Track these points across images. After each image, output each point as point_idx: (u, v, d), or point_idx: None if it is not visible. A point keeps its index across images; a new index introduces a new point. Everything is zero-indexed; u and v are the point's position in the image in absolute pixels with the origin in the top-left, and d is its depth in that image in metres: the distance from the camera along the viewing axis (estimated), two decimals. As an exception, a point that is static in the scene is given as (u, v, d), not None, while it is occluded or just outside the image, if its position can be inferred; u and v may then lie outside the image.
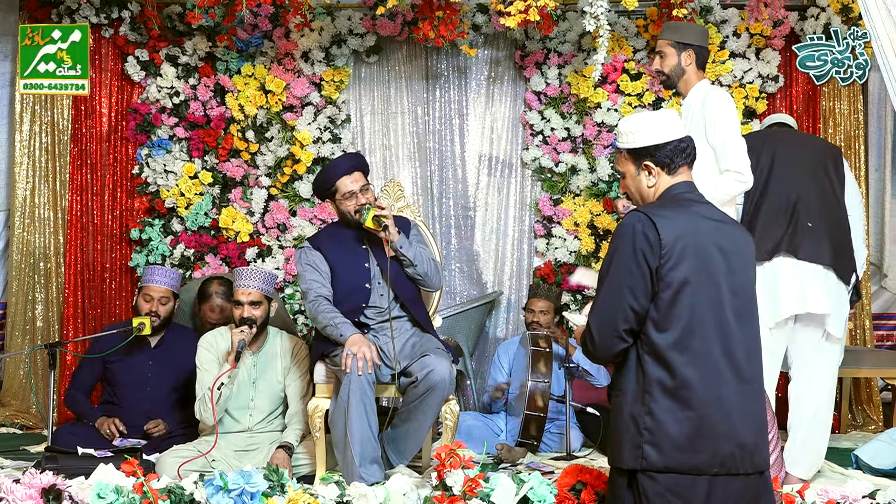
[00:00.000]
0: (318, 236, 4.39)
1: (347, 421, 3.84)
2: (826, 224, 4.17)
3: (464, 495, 3.40)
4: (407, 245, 4.14)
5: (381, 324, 4.18)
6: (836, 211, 4.26)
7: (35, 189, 5.97)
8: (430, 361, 3.93)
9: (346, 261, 4.22)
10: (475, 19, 5.94)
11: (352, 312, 4.15)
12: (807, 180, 4.22)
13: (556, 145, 5.97)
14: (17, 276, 5.93)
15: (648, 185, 2.76)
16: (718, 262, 2.62)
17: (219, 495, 3.40)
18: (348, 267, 4.21)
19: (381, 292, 4.21)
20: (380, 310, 4.20)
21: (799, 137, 4.60)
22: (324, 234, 4.42)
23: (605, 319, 2.62)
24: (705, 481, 2.54)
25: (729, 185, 3.82)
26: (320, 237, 4.36)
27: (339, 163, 4.27)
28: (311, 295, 4.14)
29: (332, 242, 4.26)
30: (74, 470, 3.92)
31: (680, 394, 2.55)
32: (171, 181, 5.95)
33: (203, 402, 4.19)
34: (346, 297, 4.18)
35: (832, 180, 4.28)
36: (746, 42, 5.88)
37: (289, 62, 5.91)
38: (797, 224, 4.12)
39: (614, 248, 2.64)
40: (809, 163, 4.28)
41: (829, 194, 4.25)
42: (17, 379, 5.88)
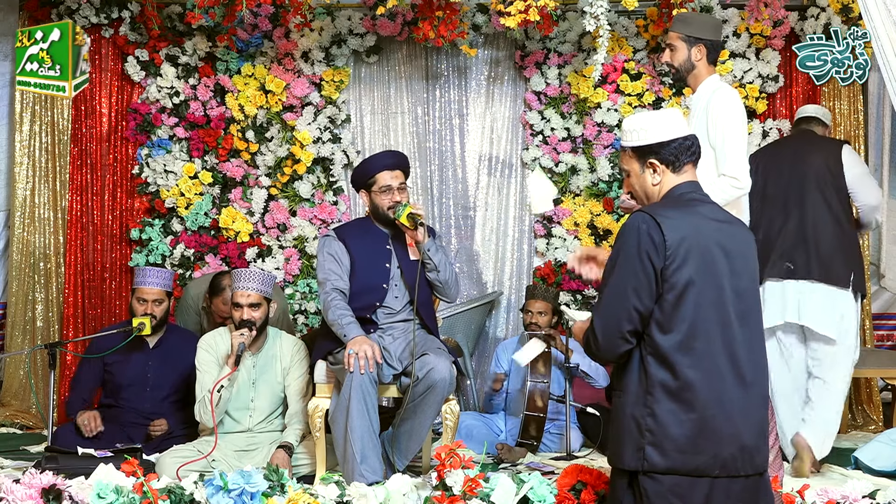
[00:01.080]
0: (345, 228, 4.35)
1: (348, 419, 3.84)
2: (813, 245, 4.34)
3: (464, 495, 3.40)
4: (434, 249, 4.14)
5: (392, 324, 4.18)
6: (828, 227, 4.37)
7: (35, 189, 5.97)
8: (431, 360, 3.92)
9: (368, 257, 4.20)
10: (475, 19, 5.94)
11: (364, 309, 4.14)
12: (794, 210, 4.39)
13: (556, 145, 5.97)
14: (17, 276, 5.93)
15: (653, 184, 2.74)
16: (722, 264, 2.61)
17: (219, 495, 3.40)
18: (369, 264, 4.19)
19: (396, 294, 4.20)
20: (391, 311, 4.19)
21: (795, 155, 4.55)
22: (351, 226, 4.38)
23: (608, 320, 2.61)
24: (706, 483, 2.54)
25: (724, 189, 3.66)
26: (347, 229, 4.33)
27: (384, 157, 4.28)
28: (327, 286, 4.12)
29: (357, 236, 4.23)
30: (74, 470, 3.92)
31: (682, 395, 2.54)
32: (171, 181, 5.95)
33: (203, 405, 4.18)
34: (361, 294, 4.16)
35: (826, 197, 4.40)
36: (746, 42, 5.88)
37: (289, 62, 5.91)
38: (777, 262, 4.35)
39: (618, 249, 2.63)
40: (797, 190, 4.40)
41: (817, 216, 4.38)
42: (17, 379, 5.88)
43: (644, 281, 2.57)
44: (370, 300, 4.17)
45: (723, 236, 2.64)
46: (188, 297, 5.38)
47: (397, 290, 4.20)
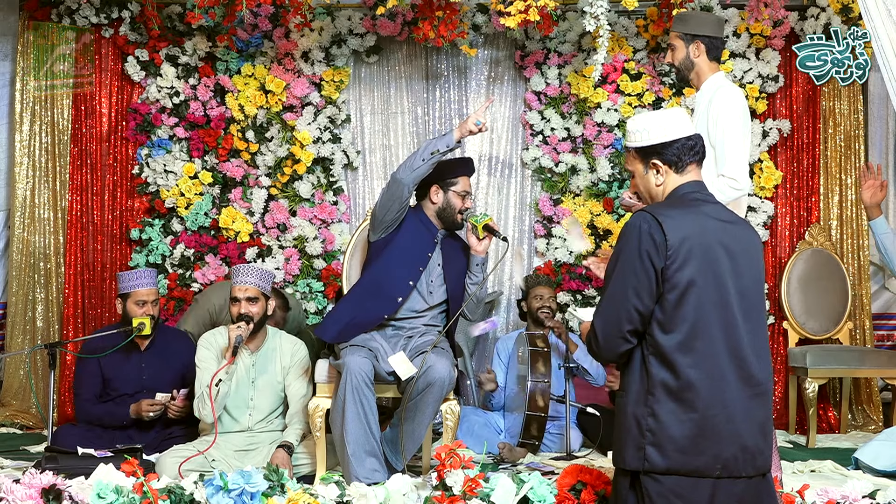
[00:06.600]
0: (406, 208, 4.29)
1: (344, 420, 3.85)
2: None
3: (464, 495, 3.40)
4: (484, 265, 4.19)
5: (412, 321, 4.17)
6: None
7: (35, 189, 5.97)
8: (430, 359, 3.93)
9: (414, 246, 4.17)
10: (475, 19, 5.94)
11: (385, 305, 4.11)
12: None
13: (556, 145, 5.97)
14: (17, 276, 5.93)
15: (657, 184, 2.74)
16: (725, 264, 2.60)
17: (219, 495, 3.40)
18: (412, 253, 4.16)
19: (431, 290, 4.18)
20: (414, 312, 4.18)
21: None
22: (411, 209, 4.29)
23: (609, 320, 2.61)
24: (708, 483, 2.53)
25: (722, 190, 3.58)
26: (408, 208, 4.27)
27: (470, 164, 4.35)
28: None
29: (412, 223, 4.21)
30: (74, 470, 3.91)
31: (683, 395, 2.53)
32: (171, 181, 5.95)
33: (202, 400, 4.19)
34: (390, 283, 4.12)
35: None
36: (746, 42, 5.88)
37: (289, 62, 5.91)
38: None
39: (619, 249, 2.62)
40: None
41: None
42: (17, 379, 5.88)
43: (645, 280, 2.56)
44: (393, 295, 4.12)
45: (727, 236, 2.63)
46: (208, 302, 5.26)
47: (433, 286, 4.19)
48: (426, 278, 4.17)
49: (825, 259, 5.82)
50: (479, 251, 4.15)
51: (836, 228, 5.95)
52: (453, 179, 4.20)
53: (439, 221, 4.23)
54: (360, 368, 3.88)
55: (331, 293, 5.91)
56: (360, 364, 3.89)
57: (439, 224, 4.23)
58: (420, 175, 4.04)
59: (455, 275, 4.21)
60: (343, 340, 4.07)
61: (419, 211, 4.26)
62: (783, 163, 5.96)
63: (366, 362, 3.91)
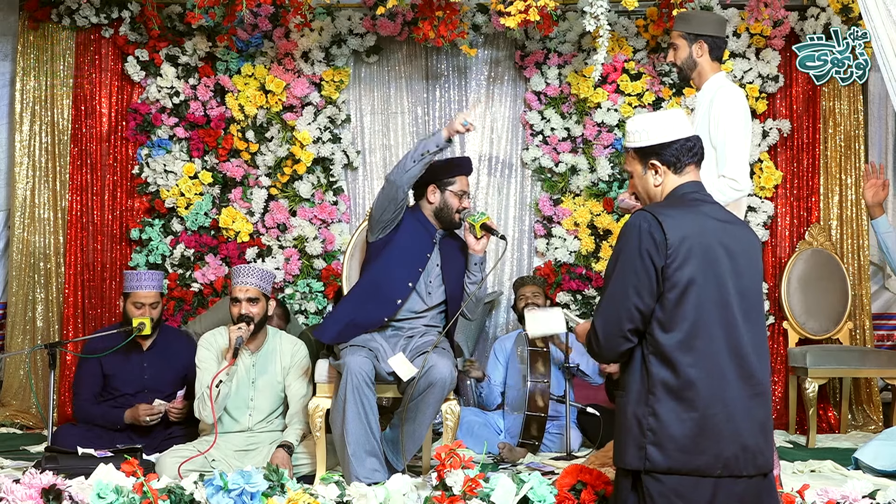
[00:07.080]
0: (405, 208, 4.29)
1: (344, 420, 3.85)
2: None
3: (464, 495, 3.40)
4: (483, 264, 4.17)
5: (411, 322, 4.17)
6: None
7: (35, 189, 5.97)
8: (431, 359, 3.92)
9: (412, 247, 4.17)
10: (475, 19, 5.94)
11: (384, 307, 4.11)
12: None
13: (556, 145, 5.97)
14: (17, 276, 5.93)
15: (655, 185, 2.74)
16: (725, 263, 2.60)
17: (219, 495, 3.40)
18: (410, 253, 4.16)
19: (429, 290, 4.18)
20: (414, 313, 4.17)
21: None
22: (409, 209, 4.29)
23: (610, 319, 2.61)
24: (710, 483, 2.53)
25: (723, 191, 3.58)
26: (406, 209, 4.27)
27: (467, 163, 4.32)
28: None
29: (410, 223, 4.21)
30: (74, 470, 3.91)
31: (684, 394, 2.53)
32: (171, 181, 5.95)
33: (202, 401, 4.19)
34: (389, 284, 4.11)
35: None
36: (746, 42, 5.88)
37: (289, 62, 5.91)
38: None
39: (619, 248, 2.63)
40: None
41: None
42: (17, 379, 5.88)
43: (645, 280, 2.56)
44: (393, 296, 4.12)
45: (726, 236, 2.64)
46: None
47: (432, 287, 4.19)
48: (425, 279, 4.17)
49: (825, 259, 5.82)
50: (478, 250, 4.14)
51: (836, 228, 5.95)
52: (450, 179, 4.19)
53: (437, 221, 4.23)
54: (360, 368, 3.88)
55: (331, 293, 5.91)
56: (360, 364, 3.89)
57: (437, 224, 4.23)
58: (413, 176, 4.03)
59: (454, 275, 4.20)
60: (342, 341, 4.07)
61: (417, 211, 4.25)
62: (783, 163, 5.96)
63: (366, 362, 3.92)
